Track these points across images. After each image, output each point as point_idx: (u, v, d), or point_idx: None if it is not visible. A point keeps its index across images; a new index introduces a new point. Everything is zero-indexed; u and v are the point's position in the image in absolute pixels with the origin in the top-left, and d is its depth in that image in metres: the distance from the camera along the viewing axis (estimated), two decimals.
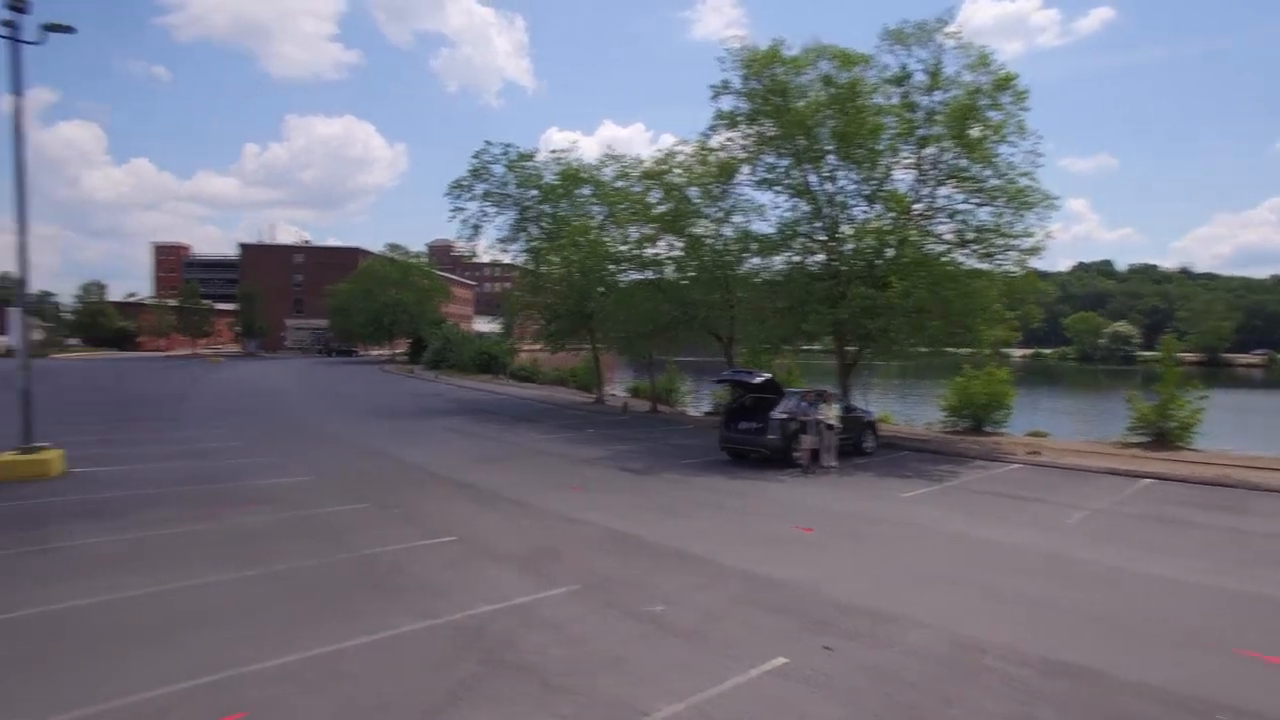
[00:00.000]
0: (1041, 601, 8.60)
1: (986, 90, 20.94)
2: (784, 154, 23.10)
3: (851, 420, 19.76)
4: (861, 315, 20.85)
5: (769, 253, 23.96)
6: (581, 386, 41.40)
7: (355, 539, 10.84)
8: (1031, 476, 17.42)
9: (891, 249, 21.29)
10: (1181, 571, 9.93)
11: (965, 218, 22.10)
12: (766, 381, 18.81)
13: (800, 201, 23.17)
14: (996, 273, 22.24)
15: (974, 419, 25.65)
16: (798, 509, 13.58)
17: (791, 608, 8.25)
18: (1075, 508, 13.90)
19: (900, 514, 13.26)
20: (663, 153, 27.42)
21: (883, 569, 9.88)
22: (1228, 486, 16.02)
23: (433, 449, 20.26)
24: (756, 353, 26.35)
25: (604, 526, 11.90)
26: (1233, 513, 13.80)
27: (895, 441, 22.19)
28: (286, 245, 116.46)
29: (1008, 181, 21.18)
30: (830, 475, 17.18)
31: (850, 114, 21.32)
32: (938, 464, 18.96)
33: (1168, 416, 21.86)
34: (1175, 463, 18.79)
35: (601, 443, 22.05)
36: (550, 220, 34.20)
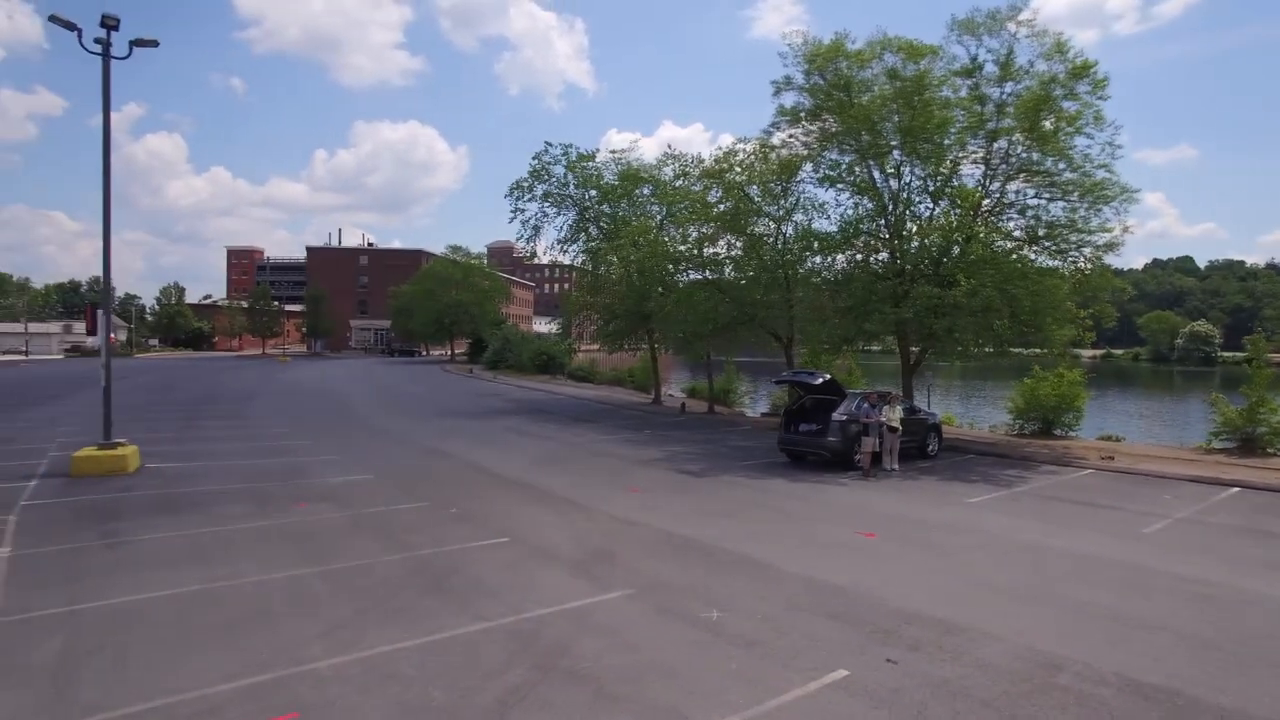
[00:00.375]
0: (1121, 616, 8.17)
1: (1062, 80, 20.14)
2: (847, 150, 22.64)
3: (914, 422, 19.25)
4: (926, 314, 20.29)
5: (831, 251, 23.48)
6: (639, 387, 41.40)
7: (413, 538, 10.96)
8: (1106, 483, 16.68)
9: (958, 246, 20.66)
10: (1275, 587, 9.33)
11: (1036, 213, 21.35)
12: (827, 382, 18.44)
13: (863, 199, 22.67)
14: (1069, 270, 21.40)
15: (1043, 422, 24.73)
16: (859, 513, 13.26)
17: (853, 616, 8.01)
18: (1155, 516, 13.25)
19: (966, 520, 12.82)
20: (723, 151, 27.28)
21: (949, 577, 9.54)
22: None
23: (491, 448, 20.44)
24: (817, 353, 25.91)
25: (660, 529, 11.79)
26: None
27: (959, 445, 21.54)
28: (352, 248, 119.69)
29: (1083, 174, 20.34)
30: (892, 479, 16.76)
31: (916, 108, 20.75)
32: (1005, 468, 18.32)
33: (1257, 421, 20.68)
34: (1265, 470, 17.77)
35: (659, 444, 21.95)
36: (609, 220, 34.26)
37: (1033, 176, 21.25)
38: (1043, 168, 20.95)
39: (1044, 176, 20.93)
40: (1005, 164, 21.42)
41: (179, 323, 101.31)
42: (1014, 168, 21.32)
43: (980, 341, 21.47)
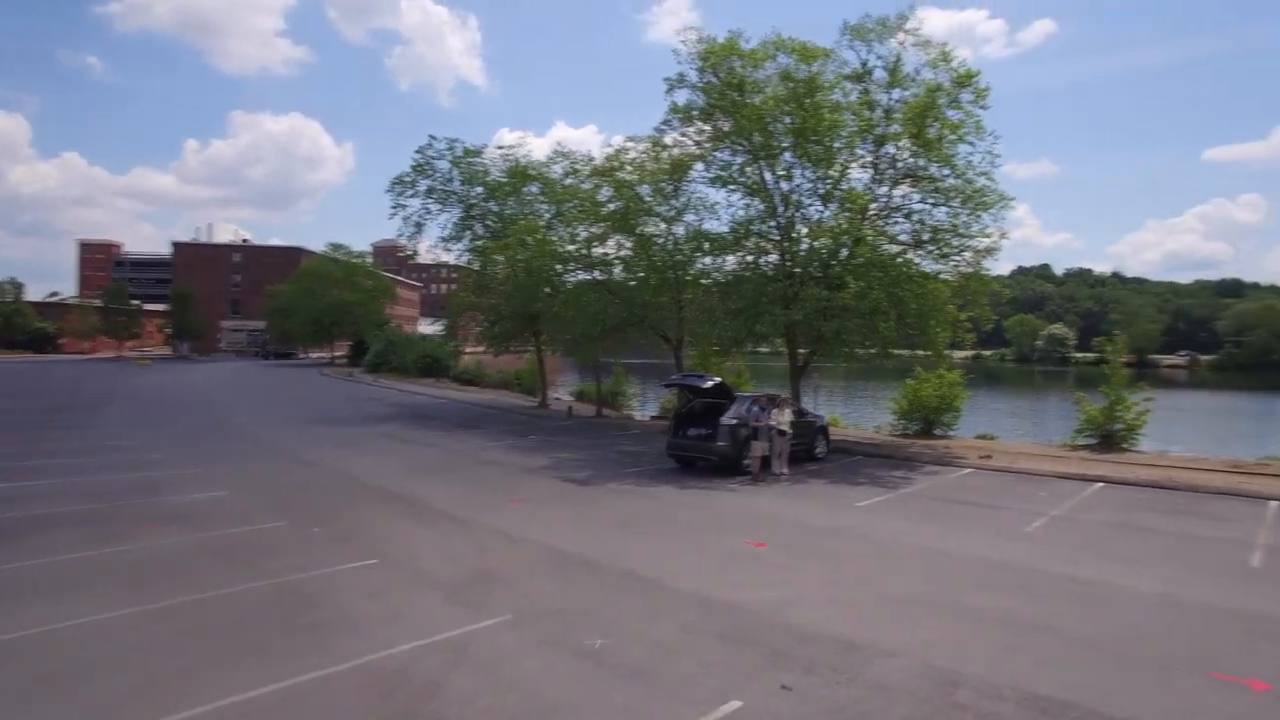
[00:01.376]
0: (1012, 622, 7.99)
1: (946, 88, 20.56)
2: (739, 151, 22.44)
3: (803, 425, 19.16)
4: (816, 316, 20.31)
5: (721, 252, 23.26)
6: (527, 390, 40.27)
7: (270, 564, 9.74)
8: (986, 482, 17.00)
9: (847, 249, 20.78)
10: (1147, 582, 9.51)
11: (922, 217, 21.74)
12: (717, 385, 18.08)
13: (755, 200, 22.52)
14: (950, 273, 21.94)
15: (924, 422, 25.34)
16: (751, 521, 12.85)
17: (748, 638, 7.45)
18: (1034, 514, 13.44)
19: (857, 525, 12.62)
20: (614, 149, 26.62)
21: (842, 588, 9.17)
22: (1173, 489, 15.82)
23: (366, 457, 19.09)
24: (707, 355, 25.68)
25: (544, 545, 10.99)
26: (1184, 516, 13.53)
27: (846, 446, 21.69)
28: (224, 244, 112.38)
29: (965, 181, 20.88)
30: (782, 483, 16.53)
31: (808, 110, 20.75)
32: (891, 470, 18.46)
33: (1115, 419, 21.78)
34: (1122, 465, 18.61)
35: (545, 450, 21.09)
36: (496, 219, 33.04)
37: (918, 182, 21.67)
38: (928, 173, 21.39)
39: (929, 182, 21.36)
40: (893, 169, 21.74)
41: (17, 322, 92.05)
42: (901, 173, 21.67)
43: (867, 343, 21.71)
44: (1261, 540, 11.89)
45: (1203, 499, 15.08)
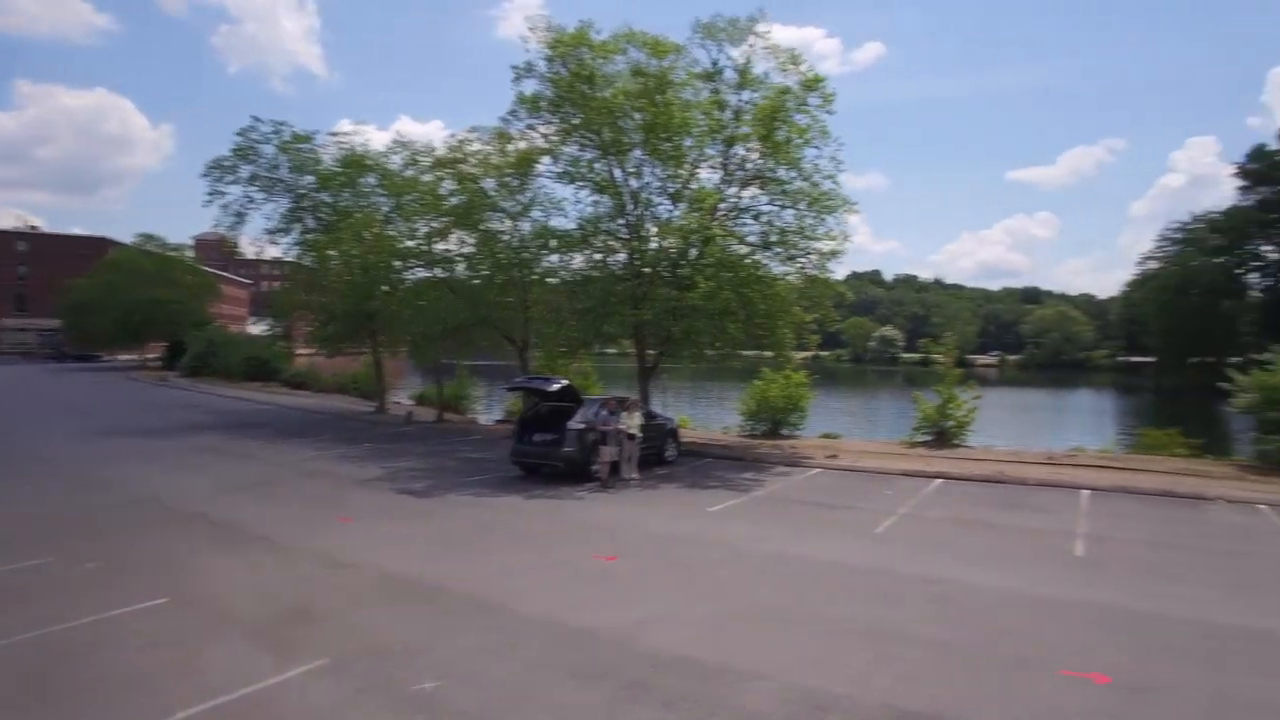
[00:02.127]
0: (874, 631, 7.73)
1: (795, 92, 20.72)
2: (588, 146, 21.68)
3: (653, 428, 18.71)
4: (665, 317, 19.95)
5: (569, 250, 22.41)
6: (364, 394, 37.75)
7: (24, 613, 7.99)
8: (835, 481, 17.17)
9: (696, 249, 20.54)
10: (992, 578, 9.66)
11: (770, 219, 21.83)
12: (563, 388, 17.27)
13: (604, 197, 21.82)
14: (797, 275, 22.20)
15: (772, 423, 25.66)
16: (601, 532, 12.13)
17: (600, 668, 6.71)
18: (882, 513, 13.53)
19: (711, 532, 12.18)
20: (457, 139, 25.15)
21: (700, 604, 8.60)
22: (1004, 483, 16.59)
23: (170, 474, 16.86)
24: (553, 356, 24.80)
25: (374, 569, 9.79)
26: (1015, 509, 14.10)
27: (696, 448, 21.48)
28: (7, 231, 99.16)
29: (811, 184, 21.16)
30: (631, 489, 15.96)
31: (659, 106, 20.32)
32: (741, 472, 18.34)
33: (947, 416, 22.85)
34: (957, 461, 19.44)
35: (380, 459, 19.50)
36: (329, 210, 30.59)
37: (766, 184, 21.75)
38: (775, 176, 21.52)
39: (776, 185, 21.47)
40: (742, 170, 21.71)
41: None
42: (750, 174, 21.67)
43: (716, 344, 21.59)
44: (1081, 529, 12.50)
45: (1028, 491, 15.85)
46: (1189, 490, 15.56)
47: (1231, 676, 6.79)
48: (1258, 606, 8.81)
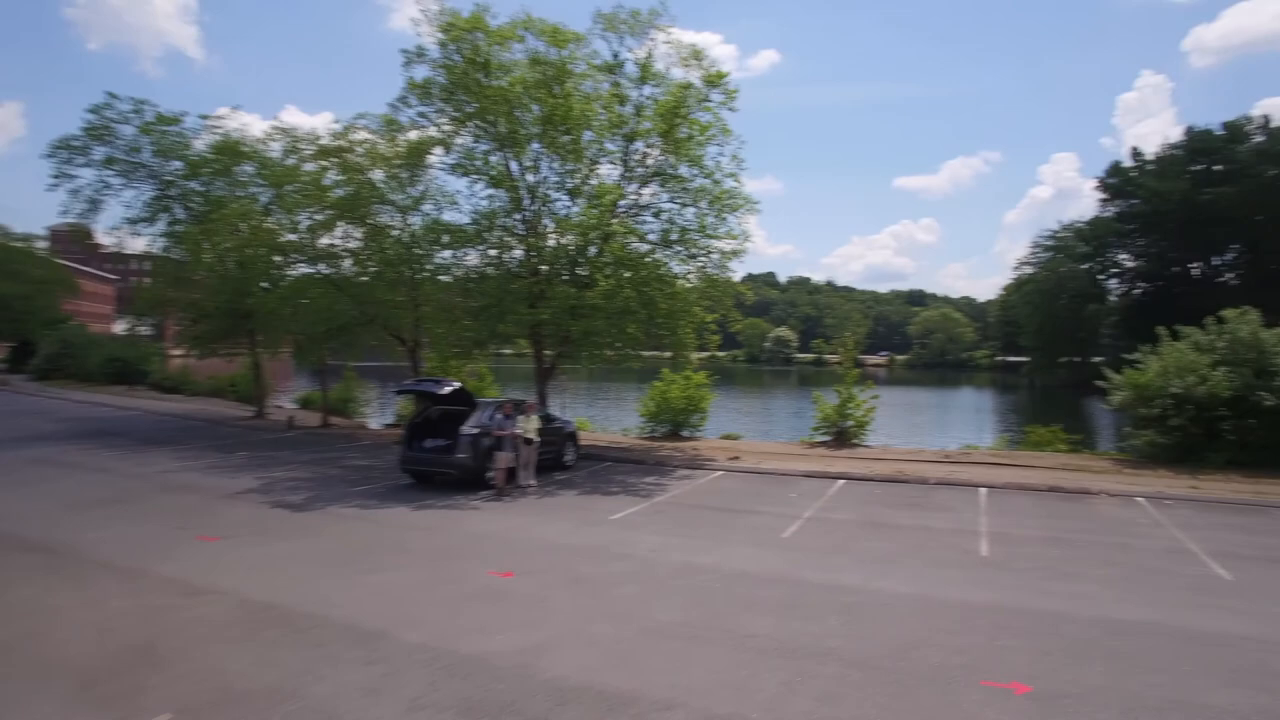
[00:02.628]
0: (790, 648, 7.32)
1: (697, 87, 20.37)
2: (483, 137, 20.71)
3: (551, 432, 17.98)
4: (563, 316, 19.24)
5: (462, 246, 21.31)
6: (243, 398, 35.28)
7: None
8: (738, 484, 16.89)
9: (595, 246, 19.94)
10: (903, 583, 9.50)
11: (671, 216, 21.45)
12: (456, 391, 16.29)
13: (499, 191, 20.86)
14: (698, 274, 21.91)
15: (673, 424, 25.36)
16: (496, 545, 11.34)
17: (496, 704, 5.99)
18: (788, 517, 13.29)
19: (614, 542, 11.58)
20: (342, 126, 23.61)
21: (605, 623, 7.98)
22: (905, 482, 16.75)
23: (6, 492, 14.95)
24: (446, 358, 23.68)
25: (237, 596, 8.70)
26: (918, 509, 14.16)
27: (595, 452, 20.87)
28: None
29: (713, 182, 20.90)
30: (529, 496, 15.21)
31: (558, 98, 19.59)
32: (642, 476, 17.84)
33: (846, 416, 23.08)
34: (858, 460, 19.59)
35: (256, 469, 17.99)
36: (201, 200, 28.24)
37: (667, 181, 21.37)
38: (676, 173, 21.17)
39: (677, 182, 21.12)
40: (642, 167, 21.22)
41: None
42: (650, 171, 21.23)
43: (616, 344, 21.05)
44: (984, 528, 12.59)
45: (929, 490, 16.03)
46: (1075, 485, 16.07)
47: (1141, 676, 6.75)
48: (1150, 600, 8.99)
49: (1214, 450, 18.91)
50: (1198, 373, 19.23)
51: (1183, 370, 19.44)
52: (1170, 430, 19.37)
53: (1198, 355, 19.82)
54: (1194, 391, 18.94)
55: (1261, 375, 18.96)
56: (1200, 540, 11.91)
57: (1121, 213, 71.74)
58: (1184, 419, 19.08)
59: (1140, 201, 68.24)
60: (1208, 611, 8.58)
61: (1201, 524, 13.08)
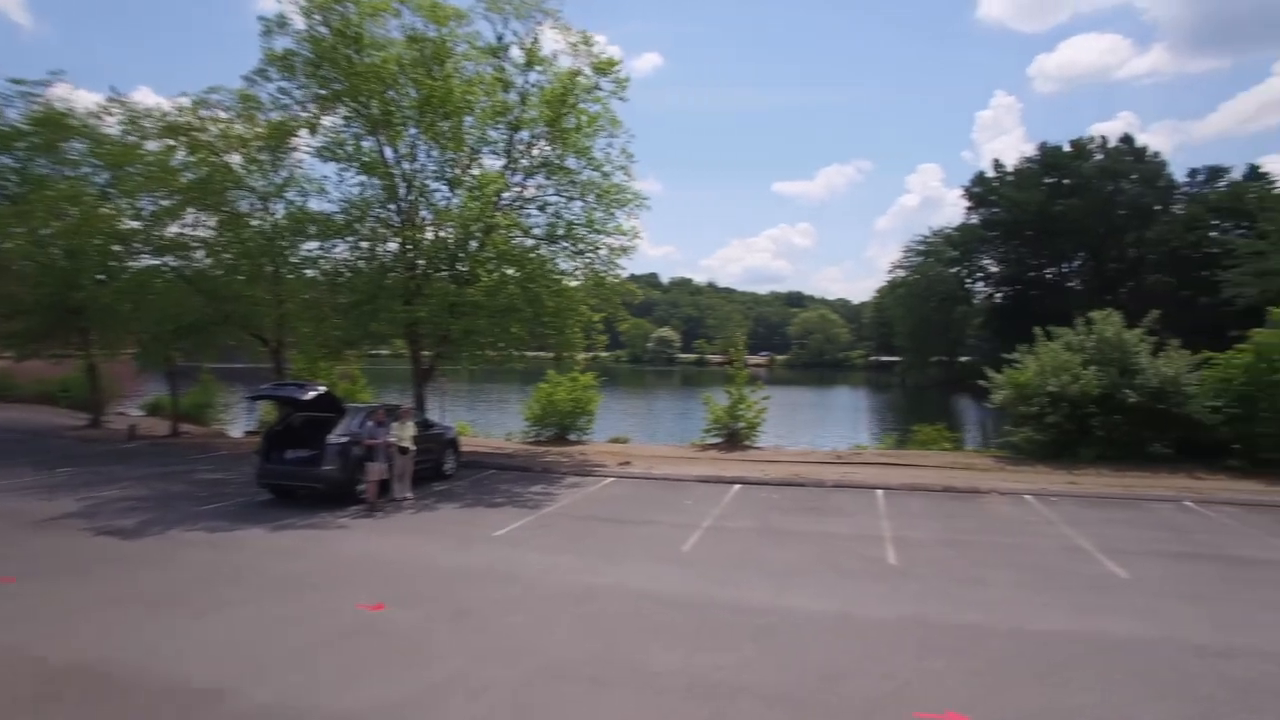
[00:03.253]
0: (704, 684, 6.52)
1: (586, 75, 19.42)
2: (354, 119, 18.98)
3: (429, 439, 16.61)
4: (442, 314, 17.91)
5: (330, 238, 19.37)
6: (78, 405, 31.51)
7: None
8: (631, 491, 16.05)
9: (477, 240, 18.65)
10: (816, 599, 8.92)
11: (557, 209, 20.40)
12: (321, 396, 14.66)
13: (372, 179, 19.14)
14: (586, 271, 20.97)
15: (559, 428, 24.32)
16: (366, 570, 10.03)
17: None
18: (687, 527, 12.55)
19: (501, 562, 10.49)
20: (192, 100, 21.13)
21: (495, 664, 6.92)
22: (802, 485, 16.40)
23: None
24: (314, 359, 21.73)
25: (30, 655, 7.10)
26: (818, 514, 13.79)
27: (477, 459, 19.58)
28: None
29: (602, 175, 20.01)
30: (405, 511, 13.84)
31: (437, 79, 18.17)
32: (529, 484, 16.72)
33: (738, 417, 22.70)
34: (750, 463, 19.18)
35: (81, 488, 15.68)
36: (17, 179, 24.85)
37: (554, 174, 20.31)
38: (564, 165, 20.15)
39: (565, 175, 20.11)
40: (527, 158, 20.09)
41: None
42: (536, 162, 20.13)
43: (499, 344, 19.83)
44: (886, 532, 12.27)
45: (827, 493, 15.70)
46: (966, 485, 16.15)
47: (1075, 695, 6.38)
48: (1060, 603, 8.81)
49: (1085, 446, 19.65)
50: (1071, 372, 19.94)
51: (1058, 369, 20.10)
52: (1047, 427, 19.98)
53: (1070, 355, 20.57)
54: (1068, 390, 19.61)
55: (1125, 374, 19.86)
56: (1090, 537, 12.01)
57: (985, 220, 76.01)
58: (1059, 416, 19.72)
59: (1001, 210, 72.50)
60: (1118, 616, 8.41)
61: (1087, 520, 13.25)
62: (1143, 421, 19.53)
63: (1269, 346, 18.81)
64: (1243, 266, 45.05)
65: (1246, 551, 11.46)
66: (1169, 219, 61.01)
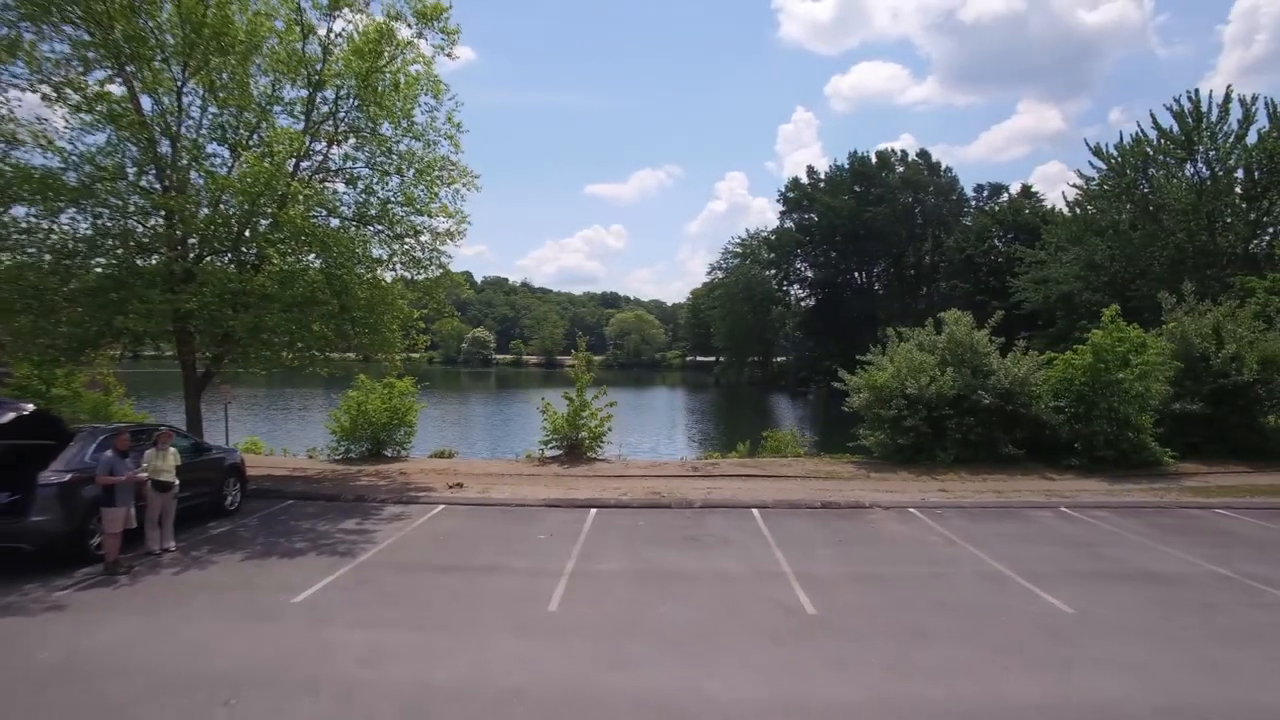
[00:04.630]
0: None
1: (407, 22, 16.20)
2: (87, 46, 14.43)
3: (202, 467, 12.86)
4: (221, 306, 14.02)
5: (56, 202, 14.63)
6: None
7: None
8: (468, 524, 13.11)
9: (268, 215, 14.87)
10: (741, 682, 6.70)
11: (369, 184, 16.97)
12: (29, 417, 10.53)
13: (118, 130, 14.69)
14: (405, 259, 17.71)
15: (374, 442, 20.65)
16: (86, 687, 6.58)
17: None
18: (547, 575, 9.95)
19: (301, 648, 7.44)
20: None
21: None
22: (666, 507, 14.24)
23: None
24: (43, 363, 16.78)
25: None
26: (699, 545, 11.72)
27: (271, 486, 15.83)
28: None
29: (426, 144, 16.86)
30: (164, 571, 10.17)
31: (209, 5, 14.22)
32: (339, 519, 13.32)
33: (579, 426, 20.24)
34: (600, 479, 16.84)
35: None
36: None
37: (365, 142, 16.89)
38: (378, 131, 16.79)
39: (379, 143, 16.74)
40: (332, 121, 16.49)
41: None
42: (343, 128, 16.58)
43: (299, 344, 16.13)
44: (787, 568, 10.34)
45: (699, 516, 13.67)
46: (844, 500, 14.70)
47: None
48: (1019, 661, 7.26)
49: (942, 449, 19.09)
50: (928, 373, 19.32)
51: (914, 371, 19.43)
52: (904, 430, 19.22)
53: (925, 356, 20.01)
54: (925, 392, 18.97)
55: (977, 374, 19.53)
56: (1000, 558, 10.88)
57: (801, 225, 78.61)
58: (916, 419, 19.02)
59: (816, 215, 75.25)
60: (1098, 673, 7.02)
61: (983, 536, 12.18)
62: (994, 423, 19.26)
63: (1104, 347, 19.13)
64: (1029, 274, 48.81)
65: (1156, 566, 10.64)
66: (963, 230, 65.51)
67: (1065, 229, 40.25)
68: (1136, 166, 35.50)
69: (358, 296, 15.40)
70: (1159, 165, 35.05)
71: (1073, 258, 39.14)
